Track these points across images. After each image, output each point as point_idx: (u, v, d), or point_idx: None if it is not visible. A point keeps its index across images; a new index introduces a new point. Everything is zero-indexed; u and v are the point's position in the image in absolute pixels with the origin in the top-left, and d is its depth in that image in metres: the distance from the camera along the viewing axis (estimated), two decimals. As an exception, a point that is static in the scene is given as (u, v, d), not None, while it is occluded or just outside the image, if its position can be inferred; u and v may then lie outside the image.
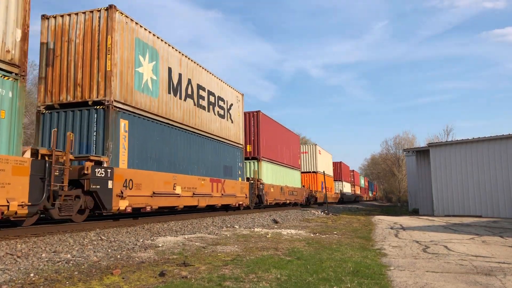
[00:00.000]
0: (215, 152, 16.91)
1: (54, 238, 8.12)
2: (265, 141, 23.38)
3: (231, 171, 18.41)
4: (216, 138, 17.09)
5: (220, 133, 17.61)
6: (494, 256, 7.07)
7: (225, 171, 17.73)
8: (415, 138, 79.63)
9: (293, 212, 22.40)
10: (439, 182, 21.66)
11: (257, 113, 22.99)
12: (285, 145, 28.03)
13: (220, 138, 17.58)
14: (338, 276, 5.23)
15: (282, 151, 27.03)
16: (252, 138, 22.60)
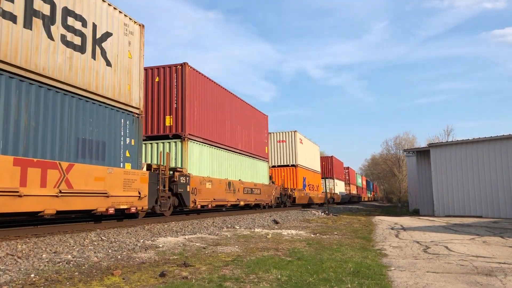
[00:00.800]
0: (52, 112, 8.62)
1: (55, 238, 8.13)
2: (196, 111, 15.51)
3: (107, 151, 10.11)
4: (55, 85, 8.75)
5: (70, 77, 9.17)
6: (495, 257, 7.07)
7: (86, 149, 9.45)
8: (415, 139, 79.64)
9: (293, 213, 22.39)
10: (440, 183, 21.65)
11: (182, 67, 14.96)
12: (241, 124, 20.25)
13: (70, 86, 9.16)
14: (338, 276, 5.23)
15: (234, 132, 19.27)
16: (174, 106, 14.81)
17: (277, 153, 30.26)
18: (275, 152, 30.24)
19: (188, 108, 14.89)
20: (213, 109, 17.29)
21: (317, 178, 37.21)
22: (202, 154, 15.97)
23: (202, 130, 16.08)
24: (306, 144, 33.56)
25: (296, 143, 30.02)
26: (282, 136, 30.59)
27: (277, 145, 30.37)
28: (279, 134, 30.61)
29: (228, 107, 18.88)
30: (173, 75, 15.06)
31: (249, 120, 21.92)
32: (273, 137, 30.26)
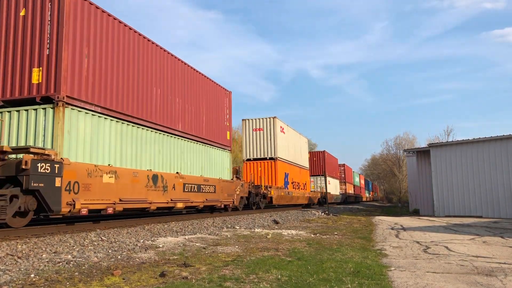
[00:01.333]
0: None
1: (55, 238, 8.13)
2: (90, 64, 10.31)
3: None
4: None
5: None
6: (495, 257, 7.07)
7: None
8: (415, 139, 79.61)
9: (294, 213, 22.40)
10: (440, 183, 21.65)
11: None
12: (183, 97, 14.83)
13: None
14: (338, 276, 5.23)
15: (170, 106, 13.90)
16: (45, 53, 9.63)
17: (252, 144, 25.23)
18: (250, 142, 25.30)
19: (69, 56, 9.64)
20: (128, 68, 11.83)
21: (305, 175, 32.09)
22: (100, 132, 10.54)
23: (101, 94, 10.66)
24: (290, 134, 28.31)
25: (275, 132, 24.79)
26: (259, 124, 25.13)
27: (252, 135, 25.28)
28: (255, 121, 25.27)
29: (159, 70, 13.36)
30: (47, 6, 9.77)
31: (199, 93, 16.22)
32: (248, 125, 25.51)
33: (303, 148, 32.90)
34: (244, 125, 25.72)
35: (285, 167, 26.37)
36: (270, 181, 24.44)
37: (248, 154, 25.31)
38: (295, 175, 29.21)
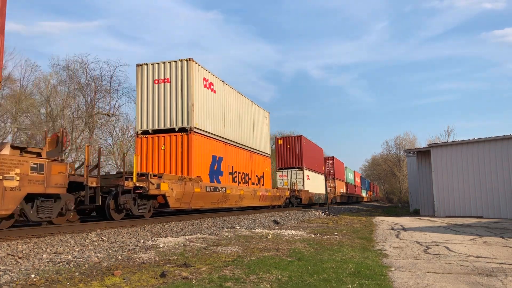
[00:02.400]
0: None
1: (55, 239, 8.13)
2: None
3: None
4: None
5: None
6: (495, 257, 7.06)
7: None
8: (416, 139, 79.44)
9: (294, 213, 22.38)
10: (440, 183, 21.64)
11: None
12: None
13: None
14: (339, 277, 5.22)
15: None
16: None
17: (152, 105, 16.02)
18: (149, 102, 16.06)
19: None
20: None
21: (263, 164, 23.65)
22: None
23: None
24: (228, 96, 19.08)
25: (192, 85, 15.64)
26: (164, 71, 16.07)
27: (153, 90, 16.05)
28: (157, 67, 16.16)
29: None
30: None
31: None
32: (146, 74, 16.25)
33: (259, 124, 23.52)
34: (139, 74, 16.12)
35: (212, 146, 17.01)
36: (181, 168, 15.30)
37: (145, 123, 16.03)
38: (243, 162, 20.43)
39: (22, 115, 32.23)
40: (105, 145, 36.81)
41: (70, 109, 35.60)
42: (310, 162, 34.21)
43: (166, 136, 15.79)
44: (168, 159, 15.63)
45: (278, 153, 32.79)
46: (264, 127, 24.93)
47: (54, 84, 35.69)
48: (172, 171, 15.41)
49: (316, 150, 38.04)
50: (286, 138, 33.45)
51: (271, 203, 24.09)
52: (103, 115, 37.06)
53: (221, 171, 18.11)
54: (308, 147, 33.93)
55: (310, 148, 34.79)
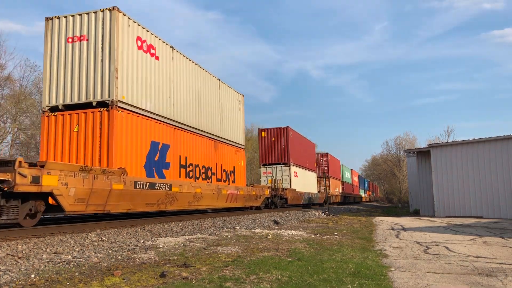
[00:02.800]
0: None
1: (55, 239, 8.13)
2: None
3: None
4: None
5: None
6: (495, 257, 7.06)
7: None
8: (416, 139, 79.49)
9: (294, 213, 22.38)
10: (440, 183, 21.64)
11: None
12: None
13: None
14: (339, 277, 5.22)
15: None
16: None
17: (64, 72, 11.85)
18: (60, 69, 11.90)
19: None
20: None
21: (234, 157, 19.75)
22: None
23: None
24: (179, 64, 15.04)
25: (117, 43, 11.51)
26: (79, 26, 11.94)
27: (66, 50, 11.95)
28: (71, 20, 11.99)
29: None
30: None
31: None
32: (58, 29, 12.09)
33: (229, 108, 19.76)
34: (48, 31, 12.08)
35: (151, 129, 12.97)
36: (99, 158, 11.19)
37: (54, 96, 11.88)
38: (198, 153, 16.12)
39: (22, 115, 32.21)
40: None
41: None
42: (299, 157, 30.39)
43: (81, 113, 11.45)
44: (82, 145, 11.30)
45: (262, 147, 28.85)
46: (236, 112, 20.49)
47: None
48: (88, 162, 11.13)
49: (307, 145, 33.72)
50: (270, 130, 29.05)
51: (245, 203, 19.88)
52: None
53: (167, 163, 13.78)
54: (296, 141, 30.12)
55: (298, 142, 30.82)
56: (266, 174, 28.49)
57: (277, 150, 28.47)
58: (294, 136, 29.98)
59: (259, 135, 29.54)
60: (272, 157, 28.56)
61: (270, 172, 28.13)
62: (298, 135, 31.33)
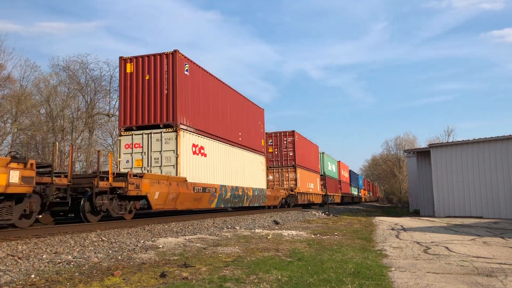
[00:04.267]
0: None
1: (55, 239, 8.13)
2: None
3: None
4: None
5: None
6: (495, 257, 7.06)
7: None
8: (416, 139, 79.39)
9: (294, 213, 22.40)
10: (440, 183, 21.64)
11: None
12: None
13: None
14: (339, 277, 5.22)
15: None
16: None
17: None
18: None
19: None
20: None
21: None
22: None
23: None
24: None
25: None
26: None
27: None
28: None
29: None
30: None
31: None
32: None
33: None
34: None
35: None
36: None
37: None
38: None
39: (22, 115, 32.21)
40: (105, 146, 36.59)
41: (70, 109, 35.60)
42: (254, 142, 22.76)
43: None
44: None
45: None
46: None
47: (54, 84, 35.67)
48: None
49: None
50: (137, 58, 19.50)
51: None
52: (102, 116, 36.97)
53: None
54: (254, 116, 23.22)
55: (255, 120, 23.47)
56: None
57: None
58: (253, 112, 22.82)
59: None
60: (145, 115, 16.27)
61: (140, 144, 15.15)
62: (255, 106, 23.33)
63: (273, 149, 29.96)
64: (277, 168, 29.73)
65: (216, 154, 17.56)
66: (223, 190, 17.32)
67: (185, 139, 14.95)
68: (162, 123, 14.72)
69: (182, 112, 14.94)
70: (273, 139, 30.17)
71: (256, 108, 23.78)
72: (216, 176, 17.22)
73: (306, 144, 33.92)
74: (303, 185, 31.08)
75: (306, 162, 32.63)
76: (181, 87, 15.08)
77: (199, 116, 16.28)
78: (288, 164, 29.57)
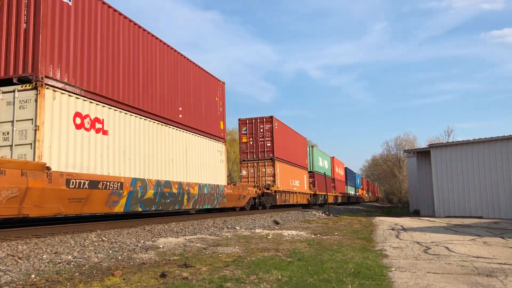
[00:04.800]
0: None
1: (55, 239, 8.13)
2: None
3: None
4: None
5: None
6: (495, 257, 7.06)
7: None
8: (416, 139, 79.29)
9: (294, 213, 22.39)
10: (440, 183, 21.63)
11: None
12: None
13: None
14: (339, 277, 5.22)
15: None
16: None
17: None
18: None
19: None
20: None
21: None
22: None
23: None
24: None
25: None
26: None
27: None
28: None
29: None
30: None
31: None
32: None
33: None
34: None
35: None
36: None
37: None
38: None
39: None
40: None
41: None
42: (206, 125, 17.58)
43: None
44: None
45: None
46: None
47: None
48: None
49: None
50: None
51: None
52: None
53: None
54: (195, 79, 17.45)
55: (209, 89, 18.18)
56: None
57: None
58: (196, 74, 17.06)
59: None
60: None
61: None
62: (207, 76, 17.76)
63: (248, 138, 24.86)
64: (252, 161, 24.57)
65: (130, 133, 11.86)
66: (139, 186, 11.71)
67: (59, 104, 9.46)
68: (16, 76, 9.15)
69: (52, 59, 9.41)
70: (247, 126, 24.90)
71: (211, 79, 17.79)
72: (126, 165, 11.51)
73: (289, 134, 28.36)
74: (284, 182, 25.89)
75: (288, 155, 27.50)
76: (54, 20, 9.48)
77: (95, 73, 10.71)
78: (265, 156, 24.45)
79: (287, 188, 26.83)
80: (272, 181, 24.31)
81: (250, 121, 24.96)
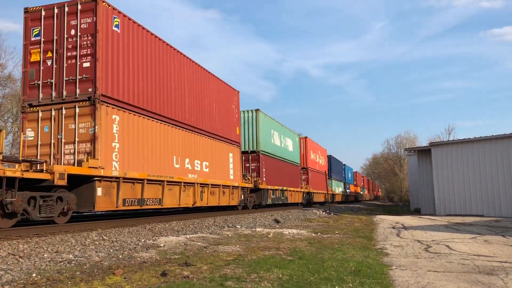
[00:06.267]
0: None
1: (56, 238, 8.14)
2: None
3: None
4: None
5: None
6: (496, 256, 7.06)
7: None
8: (416, 138, 79.37)
9: (295, 212, 22.40)
10: (441, 182, 21.62)
11: None
12: None
13: None
14: (339, 275, 5.23)
15: None
16: None
17: None
18: None
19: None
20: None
21: None
22: None
23: None
24: None
25: None
26: None
27: None
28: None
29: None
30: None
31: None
32: None
33: None
34: None
35: None
36: None
37: None
38: None
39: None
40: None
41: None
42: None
43: None
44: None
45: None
46: None
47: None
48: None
49: None
50: None
51: None
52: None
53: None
54: None
55: None
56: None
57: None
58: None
59: None
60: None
61: None
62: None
63: (43, 53, 10.34)
64: (50, 105, 10.19)
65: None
66: None
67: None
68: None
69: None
70: (43, 24, 10.90)
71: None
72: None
73: (175, 58, 14.82)
74: (134, 162, 10.44)
75: (167, 100, 14.08)
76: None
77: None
78: (80, 93, 10.53)
79: (155, 173, 12.65)
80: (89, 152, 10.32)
81: (51, 13, 11.12)
